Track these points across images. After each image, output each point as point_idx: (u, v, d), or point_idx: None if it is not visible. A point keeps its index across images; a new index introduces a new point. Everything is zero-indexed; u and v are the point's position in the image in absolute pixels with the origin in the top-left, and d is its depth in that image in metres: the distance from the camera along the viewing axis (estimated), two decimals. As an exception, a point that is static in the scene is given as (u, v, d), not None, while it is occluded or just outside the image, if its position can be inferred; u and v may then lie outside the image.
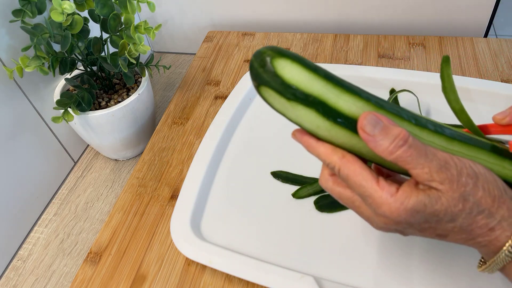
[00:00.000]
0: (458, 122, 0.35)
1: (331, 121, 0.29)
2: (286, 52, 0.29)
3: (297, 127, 0.32)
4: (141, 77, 0.61)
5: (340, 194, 0.32)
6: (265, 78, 0.29)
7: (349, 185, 0.31)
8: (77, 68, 0.57)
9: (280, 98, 0.29)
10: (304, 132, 0.32)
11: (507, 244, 0.28)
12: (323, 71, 0.30)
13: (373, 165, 0.35)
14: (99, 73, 0.60)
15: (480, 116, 0.55)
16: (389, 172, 0.35)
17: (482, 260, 0.32)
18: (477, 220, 0.28)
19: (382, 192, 0.29)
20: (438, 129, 0.31)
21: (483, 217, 0.28)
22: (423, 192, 0.28)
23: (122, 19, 0.53)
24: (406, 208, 0.28)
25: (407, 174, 0.31)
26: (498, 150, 0.32)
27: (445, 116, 0.55)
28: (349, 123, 0.29)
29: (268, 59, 0.29)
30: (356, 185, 0.30)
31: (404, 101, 0.57)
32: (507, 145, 0.31)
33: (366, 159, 0.32)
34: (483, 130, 0.34)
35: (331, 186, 0.33)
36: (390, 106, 0.30)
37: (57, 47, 0.53)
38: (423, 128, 0.30)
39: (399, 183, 0.30)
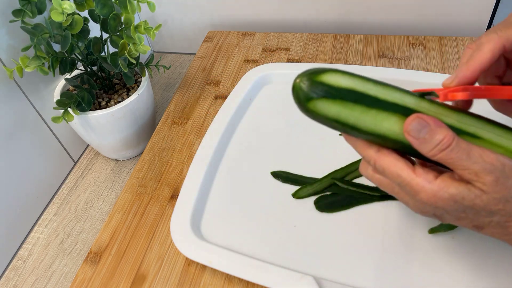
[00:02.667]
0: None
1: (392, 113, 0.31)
2: (322, 69, 0.31)
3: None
4: (141, 77, 0.61)
5: (380, 180, 0.33)
6: (319, 90, 0.30)
7: (386, 176, 0.32)
8: (77, 68, 0.57)
9: (338, 104, 0.30)
10: None
11: None
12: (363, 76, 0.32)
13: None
14: (99, 73, 0.60)
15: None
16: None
17: None
18: None
19: (420, 179, 0.30)
20: (486, 120, 0.32)
21: None
22: (465, 185, 0.29)
23: (122, 19, 0.53)
24: (443, 196, 0.29)
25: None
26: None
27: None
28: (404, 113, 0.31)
29: (310, 78, 0.30)
30: (393, 176, 0.31)
31: (404, 101, 0.57)
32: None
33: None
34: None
35: (371, 174, 0.34)
36: (438, 104, 0.31)
37: (57, 47, 0.53)
38: (470, 119, 0.31)
39: (441, 172, 0.31)
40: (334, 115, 0.30)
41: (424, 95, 0.32)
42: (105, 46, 0.56)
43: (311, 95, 0.30)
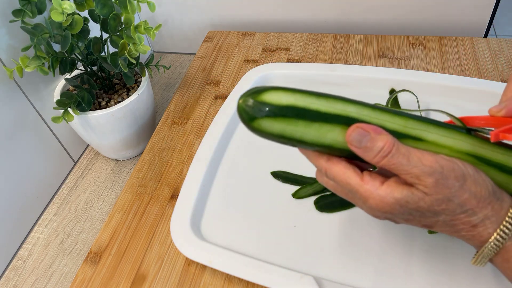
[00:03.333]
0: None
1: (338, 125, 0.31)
2: (263, 88, 0.32)
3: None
4: (141, 77, 0.61)
5: (334, 187, 0.34)
6: (262, 110, 0.31)
7: (337, 183, 0.33)
8: (77, 68, 0.57)
9: (281, 121, 0.31)
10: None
11: (490, 240, 0.30)
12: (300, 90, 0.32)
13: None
14: (99, 73, 0.60)
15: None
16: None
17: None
18: (460, 217, 0.30)
19: (367, 186, 0.31)
20: (424, 119, 0.33)
21: (466, 215, 0.30)
22: (408, 188, 0.30)
23: (122, 19, 0.53)
24: (389, 201, 0.30)
25: None
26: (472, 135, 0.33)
27: (445, 116, 0.55)
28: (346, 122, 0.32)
29: (252, 98, 0.31)
30: (343, 183, 0.32)
31: (404, 101, 0.57)
32: (489, 135, 0.32)
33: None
34: (467, 121, 0.35)
35: (326, 181, 0.35)
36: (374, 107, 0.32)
37: (57, 47, 0.53)
38: (408, 119, 0.32)
39: (388, 177, 0.32)
40: (279, 132, 0.31)
41: (471, 130, 0.33)
42: (105, 46, 0.56)
43: (254, 115, 0.31)
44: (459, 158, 0.31)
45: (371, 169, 0.35)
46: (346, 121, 0.31)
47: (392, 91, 0.59)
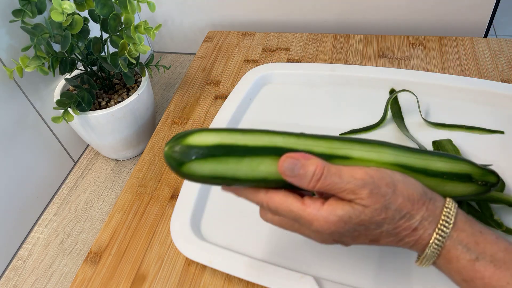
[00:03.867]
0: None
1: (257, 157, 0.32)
2: (188, 132, 0.32)
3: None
4: (141, 77, 0.61)
5: (280, 222, 0.34)
6: (189, 153, 0.30)
7: (280, 214, 0.32)
8: (77, 68, 0.57)
9: (210, 162, 0.31)
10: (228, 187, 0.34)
11: (430, 241, 0.31)
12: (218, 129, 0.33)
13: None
14: (99, 73, 0.60)
15: (480, 116, 0.55)
16: None
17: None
18: (400, 224, 0.31)
19: (310, 209, 0.31)
20: (343, 138, 0.34)
21: (405, 220, 0.31)
22: (348, 204, 0.30)
23: (122, 19, 0.53)
24: (333, 220, 0.30)
25: None
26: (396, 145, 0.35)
27: (445, 116, 0.55)
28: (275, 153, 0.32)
29: (178, 143, 0.31)
30: (286, 212, 0.32)
31: (404, 101, 0.57)
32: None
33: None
34: None
35: (270, 218, 0.34)
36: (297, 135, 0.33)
37: (57, 47, 0.53)
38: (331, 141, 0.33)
39: (327, 198, 0.32)
40: (210, 173, 0.31)
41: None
42: (105, 46, 0.56)
43: (182, 159, 0.30)
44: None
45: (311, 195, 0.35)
46: (275, 152, 0.32)
47: (392, 91, 0.59)
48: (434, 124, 0.54)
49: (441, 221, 0.31)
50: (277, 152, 0.32)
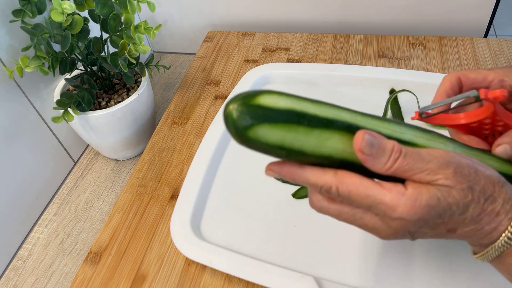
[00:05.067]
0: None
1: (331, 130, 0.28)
2: (255, 91, 0.28)
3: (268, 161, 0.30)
4: (141, 77, 0.61)
5: (339, 211, 0.30)
6: (258, 115, 0.26)
7: (352, 200, 0.29)
8: (77, 68, 0.57)
9: (281, 128, 0.27)
10: (284, 163, 0.30)
11: (510, 227, 0.28)
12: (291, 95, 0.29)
13: None
14: (99, 73, 0.60)
15: (480, 116, 0.55)
16: None
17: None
18: (485, 207, 0.28)
19: (392, 194, 0.27)
20: (413, 126, 0.31)
21: (489, 203, 0.28)
22: (433, 186, 0.28)
23: (122, 19, 0.53)
24: (421, 204, 0.27)
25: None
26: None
27: (445, 116, 0.55)
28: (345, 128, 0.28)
29: (245, 102, 0.27)
30: (361, 197, 0.28)
31: (404, 101, 0.57)
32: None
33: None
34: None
35: (327, 205, 0.30)
36: (373, 117, 0.30)
37: (57, 47, 0.53)
38: (404, 128, 0.31)
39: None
40: (277, 141, 0.27)
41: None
42: (105, 46, 0.56)
43: (249, 121, 0.26)
44: None
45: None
46: (343, 127, 0.28)
47: (392, 91, 0.59)
48: (434, 124, 0.54)
49: None
50: (346, 128, 0.28)
